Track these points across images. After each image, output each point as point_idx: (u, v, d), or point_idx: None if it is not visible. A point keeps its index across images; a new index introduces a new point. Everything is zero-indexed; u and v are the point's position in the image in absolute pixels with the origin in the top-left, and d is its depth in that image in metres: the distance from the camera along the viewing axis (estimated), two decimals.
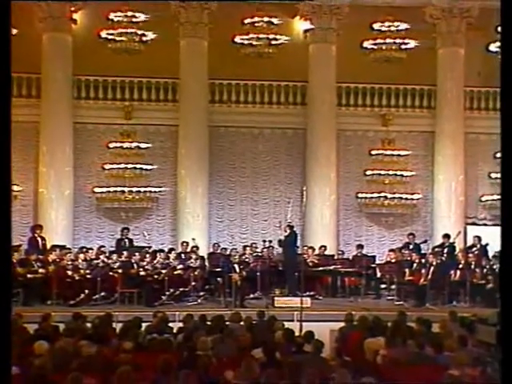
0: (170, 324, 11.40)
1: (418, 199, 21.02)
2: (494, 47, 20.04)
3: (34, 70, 19.89)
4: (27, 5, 19.39)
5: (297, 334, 10.92)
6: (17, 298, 15.89)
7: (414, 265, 17.45)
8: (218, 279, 16.75)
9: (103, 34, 19.16)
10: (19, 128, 19.96)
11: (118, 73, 20.34)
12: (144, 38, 19.14)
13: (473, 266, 17.57)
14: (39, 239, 17.94)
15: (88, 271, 16.33)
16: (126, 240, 18.95)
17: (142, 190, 20.08)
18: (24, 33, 19.14)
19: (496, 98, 21.41)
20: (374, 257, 19.07)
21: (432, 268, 16.86)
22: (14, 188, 19.68)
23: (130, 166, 20.01)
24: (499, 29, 19.71)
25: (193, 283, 16.62)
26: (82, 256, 17.03)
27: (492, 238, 19.05)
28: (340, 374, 7.71)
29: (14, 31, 18.71)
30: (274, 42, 19.57)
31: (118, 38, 19.08)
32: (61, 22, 19.75)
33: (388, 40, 19.82)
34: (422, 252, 18.55)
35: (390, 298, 17.61)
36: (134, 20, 19.07)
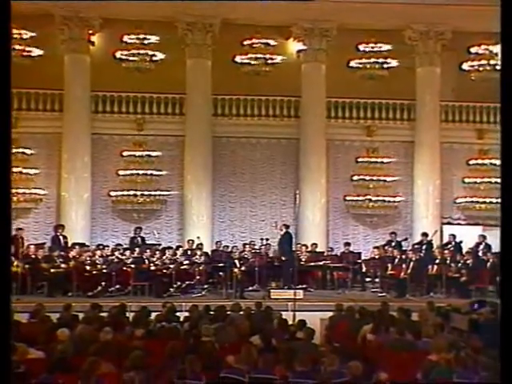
0: (177, 313, 11.40)
1: (399, 201, 21.02)
2: (466, 66, 20.14)
3: (57, 87, 19.87)
4: (50, 29, 19.44)
5: (290, 322, 10.95)
6: (42, 291, 15.98)
7: (396, 260, 17.40)
8: (221, 273, 16.69)
9: (118, 54, 19.23)
10: (44, 138, 20.17)
11: (131, 89, 20.31)
12: (154, 58, 19.17)
13: (448, 262, 17.57)
14: (61, 237, 17.94)
15: (104, 266, 16.30)
16: (139, 238, 18.92)
17: (153, 193, 20.09)
18: (48, 54, 19.25)
19: (468, 111, 21.53)
20: (359, 253, 19.08)
21: (412, 263, 16.84)
22: (39, 192, 19.84)
23: (141, 172, 20.02)
24: (471, 50, 19.89)
25: (198, 277, 16.62)
26: (98, 252, 17.00)
27: (465, 236, 19.14)
28: (329, 359, 7.75)
29: (40, 52, 18.89)
30: (270, 62, 19.61)
31: (130, 58, 19.13)
32: (80, 43, 19.73)
33: (372, 59, 19.89)
34: (403, 249, 18.51)
35: (374, 290, 17.60)
36: (145, 42, 19.11)
